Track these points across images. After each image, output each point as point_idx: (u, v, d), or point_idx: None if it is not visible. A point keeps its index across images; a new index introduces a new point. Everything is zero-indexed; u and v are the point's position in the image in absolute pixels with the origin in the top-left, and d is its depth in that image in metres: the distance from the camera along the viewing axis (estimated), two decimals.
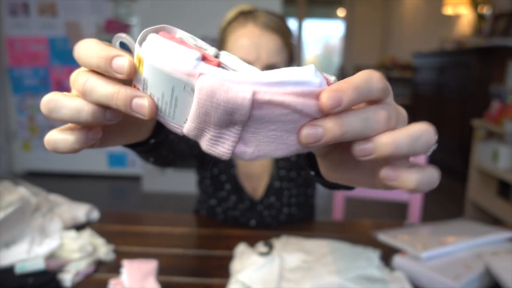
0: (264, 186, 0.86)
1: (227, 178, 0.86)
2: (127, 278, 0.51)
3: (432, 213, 2.55)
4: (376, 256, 0.62)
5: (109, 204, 2.63)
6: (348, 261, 0.60)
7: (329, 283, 0.54)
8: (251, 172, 0.86)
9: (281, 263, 0.60)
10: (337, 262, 0.60)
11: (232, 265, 0.63)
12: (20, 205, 0.62)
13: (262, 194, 0.86)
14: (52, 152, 0.26)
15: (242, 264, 0.61)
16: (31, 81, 3.05)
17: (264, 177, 0.86)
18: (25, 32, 2.98)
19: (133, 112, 0.25)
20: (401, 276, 0.57)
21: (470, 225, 0.74)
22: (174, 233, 0.78)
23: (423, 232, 0.69)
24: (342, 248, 0.65)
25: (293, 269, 0.59)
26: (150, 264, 0.52)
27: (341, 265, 0.59)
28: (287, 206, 0.86)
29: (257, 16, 0.73)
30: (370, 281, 0.56)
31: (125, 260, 0.51)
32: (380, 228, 0.75)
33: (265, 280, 0.56)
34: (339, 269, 0.58)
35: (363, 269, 0.58)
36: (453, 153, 3.31)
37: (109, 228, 0.80)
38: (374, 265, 0.59)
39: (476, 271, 0.57)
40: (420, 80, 4.05)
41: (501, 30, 3.09)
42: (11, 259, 0.59)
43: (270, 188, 0.85)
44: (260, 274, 0.58)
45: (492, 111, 2.13)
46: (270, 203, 0.85)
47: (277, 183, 0.85)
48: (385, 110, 0.23)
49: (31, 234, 0.63)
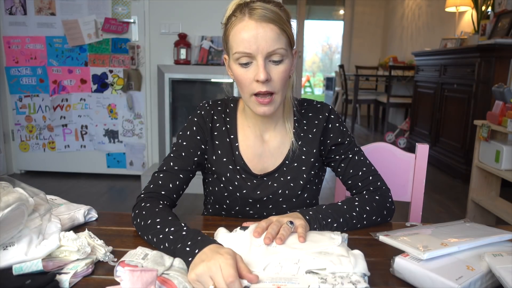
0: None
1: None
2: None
3: (434, 213, 2.54)
4: (339, 237, 0.67)
5: (108, 205, 2.63)
6: (312, 241, 0.67)
7: (289, 255, 0.62)
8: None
9: (251, 238, 0.68)
10: (303, 244, 0.67)
11: None
12: (18, 206, 0.61)
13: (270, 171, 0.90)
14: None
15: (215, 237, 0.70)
16: (28, 81, 3.05)
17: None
18: (22, 31, 2.98)
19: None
20: (359, 254, 0.62)
21: (472, 225, 0.74)
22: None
23: (425, 233, 0.68)
24: (309, 233, 0.71)
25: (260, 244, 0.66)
26: (151, 274, 0.52)
27: (304, 245, 0.66)
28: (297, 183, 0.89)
29: (253, 8, 0.76)
30: (328, 254, 0.62)
31: (127, 268, 0.51)
32: (381, 229, 0.75)
33: (236, 244, 0.65)
34: (301, 246, 0.65)
35: (324, 247, 0.64)
36: (455, 153, 3.29)
37: (108, 229, 0.80)
38: (336, 244, 0.65)
39: (478, 272, 0.56)
40: (422, 79, 4.04)
41: (504, 28, 3.07)
42: (8, 261, 0.59)
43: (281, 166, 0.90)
44: (231, 240, 0.67)
45: (494, 110, 2.11)
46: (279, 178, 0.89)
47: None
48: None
49: (29, 235, 0.62)
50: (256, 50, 0.75)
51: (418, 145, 1.07)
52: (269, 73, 0.77)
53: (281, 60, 0.78)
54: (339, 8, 7.66)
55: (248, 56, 0.76)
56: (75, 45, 2.97)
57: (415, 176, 1.08)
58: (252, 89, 0.78)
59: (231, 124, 0.90)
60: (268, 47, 0.75)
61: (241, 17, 0.77)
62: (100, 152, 3.16)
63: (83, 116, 3.10)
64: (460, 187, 3.03)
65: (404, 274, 0.60)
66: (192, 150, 0.88)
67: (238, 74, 0.79)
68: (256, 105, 0.80)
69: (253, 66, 0.77)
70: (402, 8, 5.83)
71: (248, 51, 0.75)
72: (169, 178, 0.85)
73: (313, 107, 0.92)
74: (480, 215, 2.32)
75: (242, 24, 0.76)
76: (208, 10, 2.88)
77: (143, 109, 3.08)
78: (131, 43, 2.96)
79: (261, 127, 0.89)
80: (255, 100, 0.79)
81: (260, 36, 0.75)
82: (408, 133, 4.44)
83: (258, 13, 0.75)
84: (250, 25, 0.75)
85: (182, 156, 0.87)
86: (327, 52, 11.22)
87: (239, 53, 0.77)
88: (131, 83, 3.01)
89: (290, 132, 0.89)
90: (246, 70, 0.78)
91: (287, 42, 0.78)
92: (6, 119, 3.12)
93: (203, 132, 0.89)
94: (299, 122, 0.91)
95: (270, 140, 0.90)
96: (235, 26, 0.77)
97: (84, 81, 3.05)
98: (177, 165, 0.86)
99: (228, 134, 0.90)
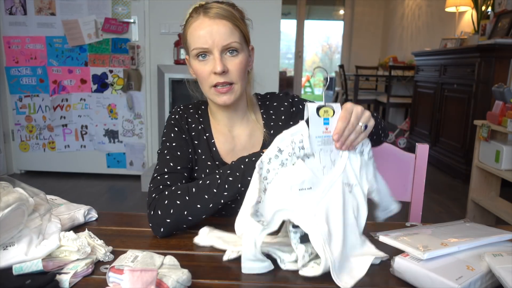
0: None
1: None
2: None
3: (434, 213, 2.54)
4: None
5: (108, 205, 2.63)
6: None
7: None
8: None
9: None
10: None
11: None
12: (18, 206, 0.61)
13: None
14: None
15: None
16: (28, 81, 3.05)
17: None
18: (22, 31, 2.97)
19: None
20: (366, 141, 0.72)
21: (472, 226, 0.74)
22: (172, 234, 0.78)
23: (425, 233, 0.68)
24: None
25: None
26: (151, 274, 0.52)
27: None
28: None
29: (207, 7, 0.83)
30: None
31: (127, 268, 0.51)
32: (381, 229, 0.75)
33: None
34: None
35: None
36: (455, 153, 3.29)
37: (108, 229, 0.80)
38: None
39: (478, 272, 0.56)
40: (422, 79, 4.04)
41: (504, 28, 3.07)
42: (8, 261, 0.59)
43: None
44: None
45: (494, 110, 2.11)
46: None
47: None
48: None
49: (29, 235, 0.62)
50: (212, 44, 0.81)
51: (418, 145, 1.07)
52: (226, 65, 0.82)
53: (236, 53, 0.84)
54: (339, 8, 7.66)
55: (205, 50, 0.82)
56: (75, 45, 2.96)
57: (415, 176, 1.08)
58: (211, 81, 0.84)
59: (205, 124, 0.94)
60: (223, 41, 0.81)
61: (196, 17, 0.83)
62: (100, 152, 3.16)
63: (83, 116, 3.10)
64: (460, 187, 3.03)
65: (404, 274, 0.60)
66: (185, 148, 0.90)
67: (197, 69, 0.85)
68: (216, 96, 0.85)
69: (211, 60, 0.83)
70: (402, 8, 5.83)
71: (205, 46, 0.82)
72: (175, 178, 0.84)
73: (276, 96, 0.98)
74: (480, 215, 2.32)
75: (197, 22, 0.83)
76: None
77: (143, 109, 3.08)
78: (131, 43, 2.96)
79: (228, 123, 0.93)
80: (215, 91, 0.84)
81: (215, 31, 0.81)
82: (408, 133, 4.44)
83: (212, 11, 0.82)
84: (204, 22, 0.82)
85: (178, 155, 0.88)
86: (327, 52, 11.23)
87: (197, 49, 0.83)
88: (131, 83, 3.01)
89: (260, 123, 0.94)
90: (205, 64, 0.83)
91: (241, 37, 0.85)
92: (6, 119, 3.12)
93: (184, 133, 0.92)
94: (266, 113, 0.96)
95: (239, 134, 0.94)
96: (192, 25, 0.84)
97: (84, 81, 3.05)
98: (178, 164, 0.86)
99: (204, 132, 0.93)
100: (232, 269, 0.65)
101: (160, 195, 0.79)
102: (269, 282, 0.61)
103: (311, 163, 0.68)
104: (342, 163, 0.70)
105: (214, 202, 0.76)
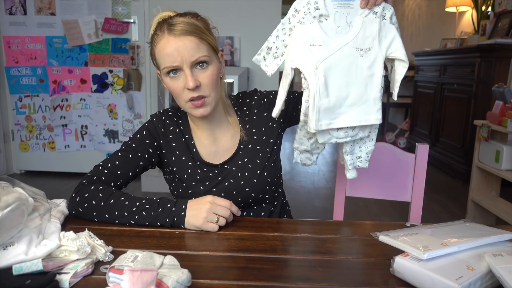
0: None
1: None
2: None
3: (434, 213, 2.54)
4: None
5: None
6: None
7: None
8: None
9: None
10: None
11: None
12: (18, 206, 0.61)
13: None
14: None
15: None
16: (28, 81, 3.05)
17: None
18: (22, 31, 2.97)
19: None
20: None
21: (472, 226, 0.74)
22: (172, 234, 0.78)
23: (425, 233, 0.68)
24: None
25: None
26: (151, 274, 0.52)
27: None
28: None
29: (171, 23, 0.83)
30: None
31: (127, 268, 0.51)
32: (381, 229, 0.75)
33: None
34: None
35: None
36: (455, 153, 3.29)
37: (108, 229, 0.80)
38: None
39: (478, 272, 0.56)
40: (422, 79, 4.04)
41: (504, 28, 3.07)
42: (8, 260, 0.59)
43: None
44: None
45: (494, 110, 2.11)
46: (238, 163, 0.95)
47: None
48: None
49: (29, 235, 0.62)
50: (181, 61, 0.83)
51: (418, 145, 1.07)
52: (198, 79, 0.84)
53: (206, 65, 0.85)
54: None
55: (175, 68, 0.84)
56: (75, 45, 2.96)
57: (415, 176, 1.08)
58: (185, 97, 0.85)
59: (184, 126, 0.97)
60: (191, 57, 0.82)
61: (161, 35, 0.84)
62: (100, 152, 3.15)
63: (83, 116, 3.10)
64: (460, 187, 3.03)
65: (404, 274, 0.60)
66: (140, 154, 0.93)
67: (170, 86, 0.87)
68: (193, 109, 0.87)
69: (182, 76, 0.84)
70: (402, 8, 5.83)
71: (174, 64, 0.83)
72: (110, 179, 0.89)
73: (247, 94, 1.02)
74: (480, 215, 2.32)
75: (163, 41, 0.83)
76: (207, 10, 2.87)
77: (143, 109, 3.08)
78: (131, 43, 2.96)
79: (208, 128, 0.95)
80: (191, 105, 0.86)
81: (181, 48, 0.82)
82: (408, 133, 4.44)
83: (176, 28, 0.83)
84: (170, 41, 0.83)
85: (129, 158, 0.92)
86: None
87: (167, 67, 0.84)
88: (131, 83, 3.01)
89: (237, 123, 0.97)
90: (176, 81, 0.85)
91: (209, 49, 0.86)
92: (6, 119, 3.12)
93: (153, 137, 0.95)
94: (241, 111, 0.99)
95: (221, 137, 0.97)
96: (158, 44, 0.85)
97: (84, 81, 3.05)
98: (121, 168, 0.91)
99: (183, 135, 0.96)
100: (232, 269, 0.65)
101: (87, 185, 0.85)
102: (269, 282, 0.61)
103: (326, 23, 0.77)
104: (357, 27, 0.77)
105: (121, 222, 0.81)
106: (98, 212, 0.81)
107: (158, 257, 0.59)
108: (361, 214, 2.44)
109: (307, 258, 0.70)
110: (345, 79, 0.77)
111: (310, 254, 0.71)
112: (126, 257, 0.58)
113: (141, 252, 0.59)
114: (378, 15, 0.78)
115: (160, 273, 0.55)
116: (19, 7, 2.94)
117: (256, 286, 0.60)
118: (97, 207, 0.81)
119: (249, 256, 0.69)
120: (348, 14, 0.77)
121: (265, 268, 0.65)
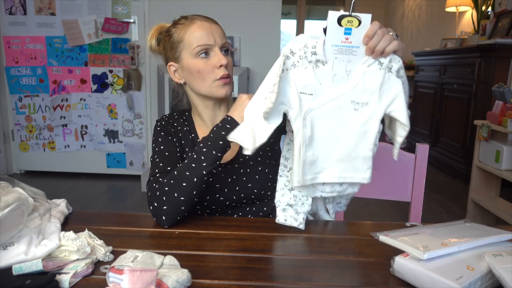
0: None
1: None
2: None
3: (434, 213, 2.54)
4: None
5: (108, 205, 2.62)
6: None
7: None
8: None
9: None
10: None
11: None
12: (18, 206, 0.61)
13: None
14: None
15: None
16: (28, 81, 3.05)
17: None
18: (22, 31, 2.97)
19: None
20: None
21: (472, 226, 0.74)
22: (172, 234, 0.78)
23: (425, 233, 0.68)
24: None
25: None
26: (151, 274, 0.52)
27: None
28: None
29: (196, 15, 0.92)
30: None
31: (127, 268, 0.51)
32: (381, 229, 0.75)
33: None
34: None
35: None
36: (455, 153, 3.29)
37: (108, 229, 0.79)
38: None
39: (478, 272, 0.56)
40: (422, 79, 4.04)
41: (504, 28, 3.07)
42: (8, 260, 0.59)
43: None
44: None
45: (494, 110, 2.11)
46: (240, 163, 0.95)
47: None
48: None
49: (29, 235, 0.62)
50: (214, 42, 0.90)
51: (418, 145, 1.07)
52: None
53: (228, 53, 0.94)
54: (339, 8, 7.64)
55: (207, 48, 0.89)
56: (75, 45, 2.96)
57: (415, 176, 1.08)
58: (215, 75, 0.89)
59: (190, 126, 1.00)
60: (221, 39, 0.91)
61: (191, 20, 0.91)
62: (100, 152, 3.16)
63: (83, 116, 3.10)
64: (460, 187, 3.03)
65: (404, 274, 0.60)
66: (172, 148, 0.94)
67: (200, 66, 0.90)
68: (220, 87, 0.90)
69: (212, 56, 0.90)
70: (402, 8, 5.83)
71: (209, 43, 0.89)
72: (166, 175, 0.87)
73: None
74: (480, 215, 2.32)
75: (196, 24, 0.90)
76: (207, 10, 2.87)
77: (143, 109, 3.08)
78: (131, 43, 2.96)
79: (213, 120, 0.96)
80: (220, 82, 0.90)
81: (214, 31, 0.90)
82: (408, 133, 4.44)
83: (205, 17, 0.92)
84: (204, 23, 0.90)
85: (166, 156, 0.92)
86: None
87: (201, 46, 0.89)
88: (131, 83, 3.01)
89: None
90: (207, 60, 0.90)
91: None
92: (6, 119, 3.12)
93: (170, 134, 0.97)
94: None
95: None
96: (189, 28, 0.90)
97: (84, 81, 3.05)
98: (168, 165, 0.90)
99: (189, 133, 0.98)
100: (232, 269, 0.65)
101: (153, 191, 0.83)
102: (269, 282, 0.61)
103: (322, 68, 0.70)
104: (356, 78, 0.70)
105: (197, 176, 0.80)
106: (177, 190, 0.79)
107: (158, 257, 0.59)
108: (361, 214, 2.44)
109: (307, 258, 0.70)
110: (333, 133, 0.72)
111: (310, 254, 0.71)
112: (126, 257, 0.58)
113: (141, 252, 0.59)
114: (383, 67, 0.70)
115: (160, 273, 0.55)
116: (19, 7, 2.94)
117: (256, 286, 0.60)
118: (172, 187, 0.80)
119: (249, 256, 0.69)
120: (349, 61, 0.69)
121: (265, 268, 0.65)
